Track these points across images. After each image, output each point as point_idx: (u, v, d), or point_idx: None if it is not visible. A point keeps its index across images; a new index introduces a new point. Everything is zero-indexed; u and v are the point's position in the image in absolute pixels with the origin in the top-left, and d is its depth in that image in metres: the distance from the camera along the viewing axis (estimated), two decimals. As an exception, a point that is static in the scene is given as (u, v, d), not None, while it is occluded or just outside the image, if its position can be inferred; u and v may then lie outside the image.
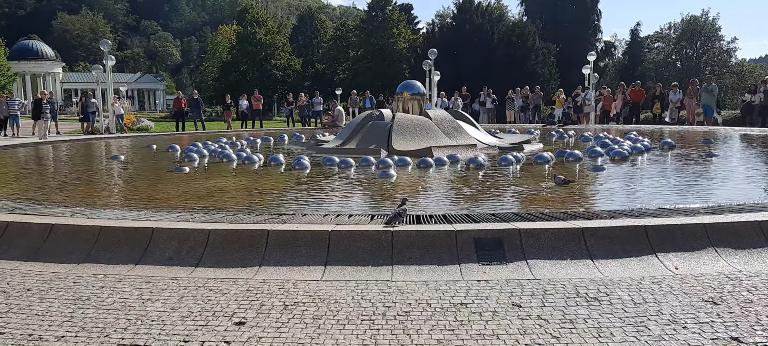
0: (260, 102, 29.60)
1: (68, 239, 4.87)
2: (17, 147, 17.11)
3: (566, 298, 3.69)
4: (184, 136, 21.06)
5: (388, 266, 4.32)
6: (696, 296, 3.69)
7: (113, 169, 10.96)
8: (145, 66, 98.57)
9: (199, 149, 12.83)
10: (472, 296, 3.76)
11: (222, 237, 4.67)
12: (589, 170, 9.32)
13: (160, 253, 4.61)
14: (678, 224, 4.67)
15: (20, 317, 3.50)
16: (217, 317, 3.46)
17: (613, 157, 10.78)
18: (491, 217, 5.19)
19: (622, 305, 3.56)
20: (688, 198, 6.61)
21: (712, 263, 4.34)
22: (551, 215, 5.30)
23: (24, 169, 11.93)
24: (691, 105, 22.88)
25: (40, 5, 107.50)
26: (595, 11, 61.54)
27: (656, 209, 5.60)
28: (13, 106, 24.16)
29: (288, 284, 4.04)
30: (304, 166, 9.90)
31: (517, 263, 4.32)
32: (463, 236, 4.50)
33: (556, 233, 4.56)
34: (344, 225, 4.88)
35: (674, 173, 9.31)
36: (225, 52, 62.73)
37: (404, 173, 9.26)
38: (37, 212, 5.70)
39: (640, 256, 4.38)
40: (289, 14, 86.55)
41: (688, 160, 10.64)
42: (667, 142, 13.23)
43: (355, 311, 3.52)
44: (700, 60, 59.88)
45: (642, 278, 4.04)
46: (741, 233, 4.62)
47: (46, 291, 3.97)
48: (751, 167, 10.01)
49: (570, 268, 4.26)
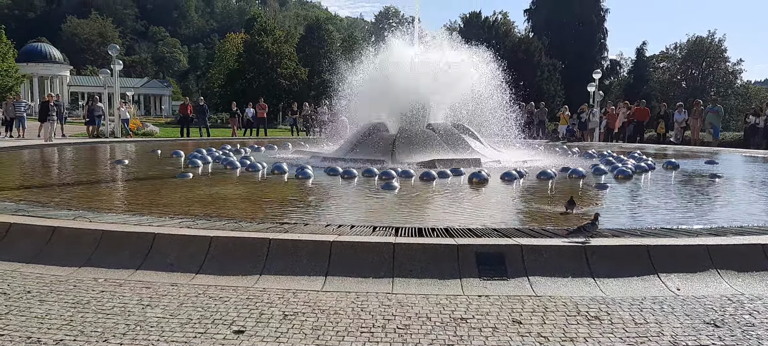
0: (265, 110, 29.71)
1: (70, 242, 4.87)
2: (22, 149, 17.18)
3: (567, 316, 3.68)
4: (189, 142, 21.12)
5: (389, 278, 4.31)
6: (697, 317, 3.67)
7: (117, 174, 10.98)
8: (152, 71, 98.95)
9: (203, 156, 12.85)
10: (473, 311, 3.75)
11: (223, 245, 4.67)
12: (593, 188, 9.30)
13: (161, 259, 4.61)
14: (680, 244, 4.66)
15: (19, 320, 3.50)
16: (216, 324, 3.46)
17: (617, 175, 10.76)
18: (493, 232, 5.18)
19: (623, 324, 3.54)
20: (690, 219, 6.59)
21: (715, 284, 4.32)
22: (553, 231, 5.29)
23: (28, 171, 11.98)
24: (695, 125, 22.85)
25: (50, 9, 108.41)
26: (601, 29, 61.74)
27: (659, 228, 5.58)
28: (20, 108, 24.32)
29: (288, 294, 4.04)
30: (307, 176, 9.90)
31: (518, 279, 4.30)
32: (465, 250, 4.49)
33: (558, 250, 4.55)
34: (346, 236, 4.87)
35: (677, 192, 9.28)
36: (232, 59, 62.94)
37: (407, 184, 9.25)
38: (40, 214, 5.71)
39: (642, 275, 4.36)
40: (296, 24, 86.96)
41: (692, 181, 10.61)
42: (670, 162, 13.21)
43: (355, 323, 3.51)
44: (706, 81, 59.87)
45: (643, 298, 4.03)
46: (744, 255, 4.60)
47: (46, 294, 3.97)
48: (754, 189, 9.97)
49: (571, 285, 4.25)
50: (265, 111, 29.81)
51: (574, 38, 57.98)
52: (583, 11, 59.13)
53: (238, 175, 10.59)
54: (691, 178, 11.01)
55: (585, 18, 59.48)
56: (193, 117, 27.61)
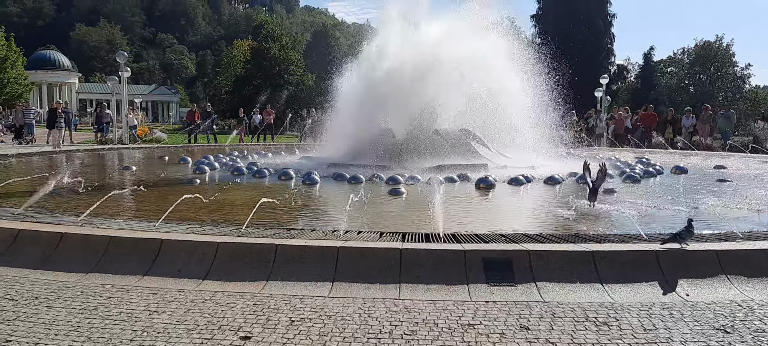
0: (272, 116, 29.79)
1: (78, 248, 4.89)
2: (31, 155, 17.28)
3: (575, 322, 3.65)
4: (196, 149, 21.19)
5: (395, 284, 4.29)
6: (707, 323, 3.64)
7: (124, 180, 11.02)
8: (160, 78, 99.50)
9: (210, 162, 12.90)
10: (480, 317, 3.73)
11: (230, 250, 4.68)
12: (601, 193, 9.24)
13: (168, 265, 4.62)
14: (689, 249, 4.62)
15: (27, 326, 3.51)
16: (223, 331, 3.45)
17: (624, 180, 10.71)
18: (500, 237, 5.15)
19: (632, 330, 3.51)
20: (699, 224, 6.53)
21: (724, 290, 4.28)
22: (561, 237, 5.26)
23: (36, 178, 12.03)
24: (704, 130, 22.70)
25: (59, 16, 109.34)
26: (608, 34, 61.49)
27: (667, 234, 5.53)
28: (29, 115, 24.54)
29: (295, 300, 4.03)
30: (313, 182, 9.91)
31: (525, 284, 4.28)
32: (472, 255, 4.47)
33: (566, 255, 4.52)
34: (353, 241, 4.86)
35: (685, 197, 9.21)
36: (239, 66, 63.18)
37: (414, 190, 9.24)
38: (48, 220, 5.74)
39: (651, 281, 4.33)
40: (303, 31, 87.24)
41: (700, 185, 10.54)
42: (678, 166, 13.13)
43: (362, 329, 3.50)
44: (714, 86, 59.57)
45: (652, 304, 3.99)
46: (753, 260, 4.56)
47: (53, 300, 3.99)
48: (763, 194, 9.88)
49: (579, 291, 4.22)
50: (272, 117, 29.90)
51: (581, 43, 57.78)
52: (591, 16, 58.94)
53: (245, 181, 10.61)
54: (698, 182, 10.94)
55: (592, 23, 59.27)
56: (201, 123, 27.70)
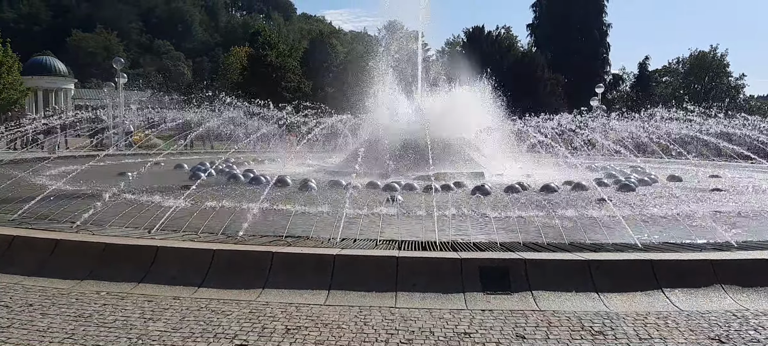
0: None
1: (73, 255, 4.88)
2: (26, 162, 17.20)
3: (571, 331, 3.65)
4: (193, 155, 21.14)
5: (392, 292, 4.29)
6: (702, 333, 3.64)
7: (120, 186, 10.96)
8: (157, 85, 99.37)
9: (206, 168, 12.86)
10: (476, 325, 3.72)
11: (226, 258, 4.67)
12: (595, 202, 9.26)
13: (163, 272, 4.60)
14: (684, 259, 4.63)
15: (21, 333, 3.49)
16: (218, 338, 3.44)
17: (619, 188, 10.73)
18: (496, 246, 5.16)
19: (628, 339, 3.52)
20: (694, 233, 6.55)
21: (719, 300, 4.29)
22: (557, 245, 5.27)
23: (31, 184, 11.98)
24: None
25: (55, 22, 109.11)
26: (604, 44, 61.88)
27: (662, 243, 5.55)
28: (25, 121, 24.51)
29: (291, 308, 4.02)
30: (310, 189, 9.90)
31: (521, 293, 4.28)
32: (468, 264, 4.47)
33: (562, 264, 4.53)
34: (349, 249, 4.86)
35: (680, 206, 9.23)
36: (236, 73, 63.17)
37: (410, 198, 9.23)
38: (43, 227, 5.71)
39: (646, 290, 4.34)
40: (301, 38, 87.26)
41: (694, 195, 10.56)
42: (673, 175, 13.17)
43: (358, 338, 3.49)
44: (709, 95, 59.86)
45: (648, 313, 4.00)
46: (748, 270, 4.57)
47: (48, 307, 3.97)
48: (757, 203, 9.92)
49: (575, 300, 4.22)
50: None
51: (577, 52, 58.06)
52: (586, 26, 59.32)
53: (242, 188, 10.58)
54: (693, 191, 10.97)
55: (587, 32, 59.64)
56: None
